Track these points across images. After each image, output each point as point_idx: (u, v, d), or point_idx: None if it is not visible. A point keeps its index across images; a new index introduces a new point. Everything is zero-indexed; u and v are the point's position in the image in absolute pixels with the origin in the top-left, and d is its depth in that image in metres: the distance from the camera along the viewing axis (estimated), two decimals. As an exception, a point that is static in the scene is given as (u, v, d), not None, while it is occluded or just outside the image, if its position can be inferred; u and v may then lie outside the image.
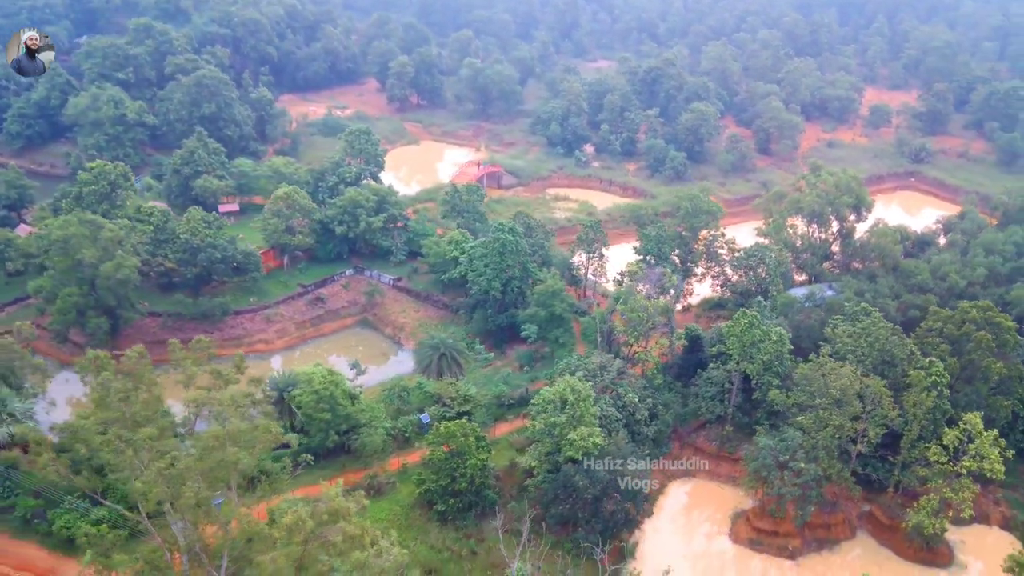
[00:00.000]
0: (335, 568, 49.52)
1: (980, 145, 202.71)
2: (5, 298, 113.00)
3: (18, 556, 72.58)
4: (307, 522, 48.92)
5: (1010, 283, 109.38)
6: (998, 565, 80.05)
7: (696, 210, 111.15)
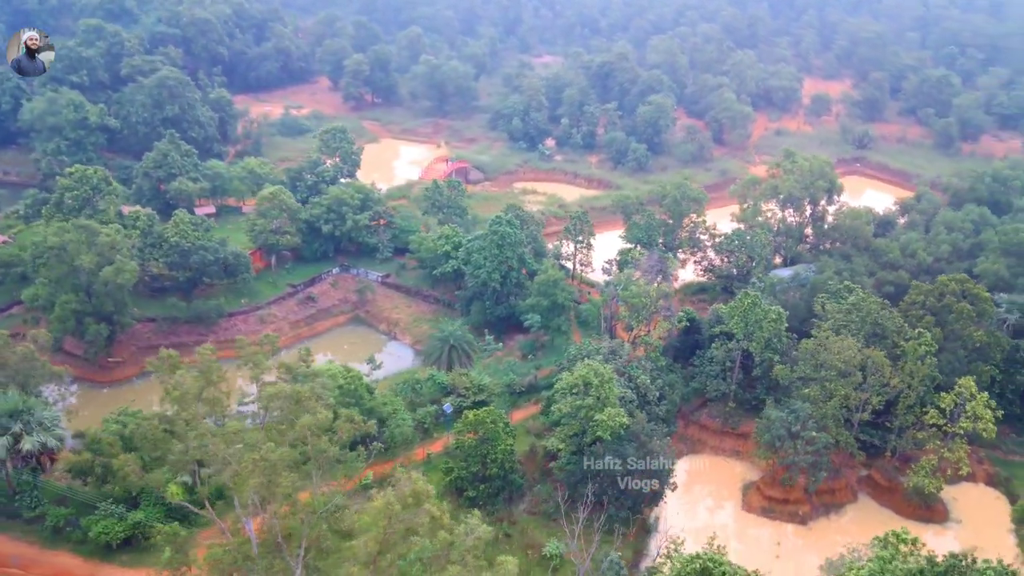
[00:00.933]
0: (424, 548, 51.19)
1: (917, 130, 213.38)
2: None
3: (53, 565, 71.68)
4: (395, 505, 50.44)
5: (972, 258, 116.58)
6: (987, 517, 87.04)
7: (684, 197, 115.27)
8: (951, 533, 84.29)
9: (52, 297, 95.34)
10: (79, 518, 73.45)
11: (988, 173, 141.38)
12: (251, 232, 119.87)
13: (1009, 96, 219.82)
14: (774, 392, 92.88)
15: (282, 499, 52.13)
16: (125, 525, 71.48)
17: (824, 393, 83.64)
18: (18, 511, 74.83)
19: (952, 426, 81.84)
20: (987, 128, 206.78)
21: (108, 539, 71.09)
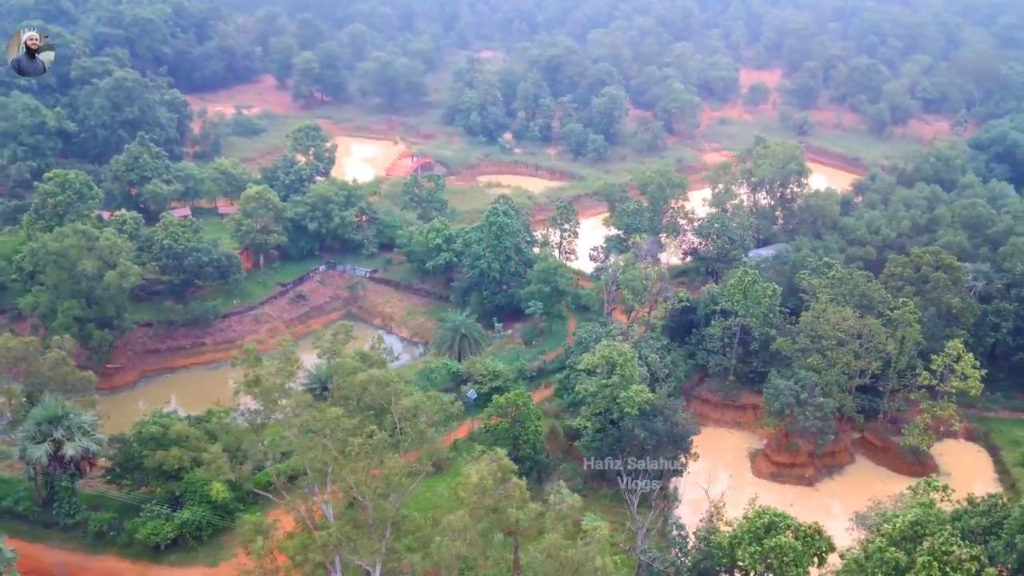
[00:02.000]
0: (519, 520, 53.61)
1: (851, 116, 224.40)
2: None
3: (101, 570, 71.07)
4: (488, 480, 52.76)
5: (929, 232, 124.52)
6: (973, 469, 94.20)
7: (669, 183, 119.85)
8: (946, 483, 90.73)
9: (53, 304, 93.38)
10: (122, 522, 73.02)
11: (932, 153, 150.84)
12: (237, 232, 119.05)
13: (931, 82, 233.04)
14: (771, 365, 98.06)
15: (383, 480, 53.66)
16: (173, 525, 71.37)
17: (826, 362, 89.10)
18: (52, 519, 73.79)
19: (943, 385, 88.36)
20: (914, 112, 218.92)
21: (157, 540, 70.91)
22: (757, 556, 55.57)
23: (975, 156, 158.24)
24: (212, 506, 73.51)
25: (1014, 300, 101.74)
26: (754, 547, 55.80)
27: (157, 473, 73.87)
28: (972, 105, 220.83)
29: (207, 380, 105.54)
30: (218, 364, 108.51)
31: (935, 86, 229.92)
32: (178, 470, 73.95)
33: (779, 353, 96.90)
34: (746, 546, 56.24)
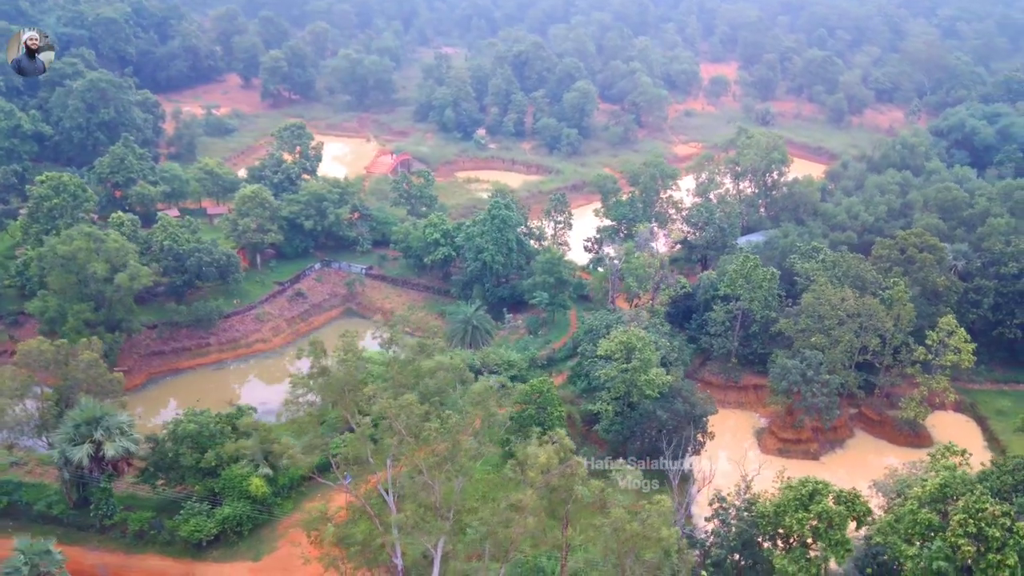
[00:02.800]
0: (584, 496, 55.87)
1: (809, 107, 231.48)
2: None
3: (143, 569, 71.20)
4: (553, 459, 54.95)
5: (903, 216, 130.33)
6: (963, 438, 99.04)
7: (662, 174, 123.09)
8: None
9: (62, 308, 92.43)
10: (161, 520, 73.24)
11: (897, 141, 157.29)
12: (233, 232, 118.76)
13: (882, 72, 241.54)
14: (771, 346, 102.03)
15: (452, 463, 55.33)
16: (215, 521, 71.88)
17: (830, 340, 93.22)
18: (87, 521, 73.72)
19: (938, 359, 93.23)
20: (869, 102, 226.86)
21: (200, 536, 71.36)
22: (804, 521, 58.77)
23: (936, 143, 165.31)
24: (251, 501, 74.23)
25: (993, 277, 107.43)
26: (801, 513, 58.98)
27: (194, 470, 74.37)
28: (923, 94, 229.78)
29: (214, 380, 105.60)
30: (223, 364, 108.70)
31: (887, 76, 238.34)
32: (215, 467, 74.58)
33: (779, 334, 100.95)
34: (793, 512, 59.38)
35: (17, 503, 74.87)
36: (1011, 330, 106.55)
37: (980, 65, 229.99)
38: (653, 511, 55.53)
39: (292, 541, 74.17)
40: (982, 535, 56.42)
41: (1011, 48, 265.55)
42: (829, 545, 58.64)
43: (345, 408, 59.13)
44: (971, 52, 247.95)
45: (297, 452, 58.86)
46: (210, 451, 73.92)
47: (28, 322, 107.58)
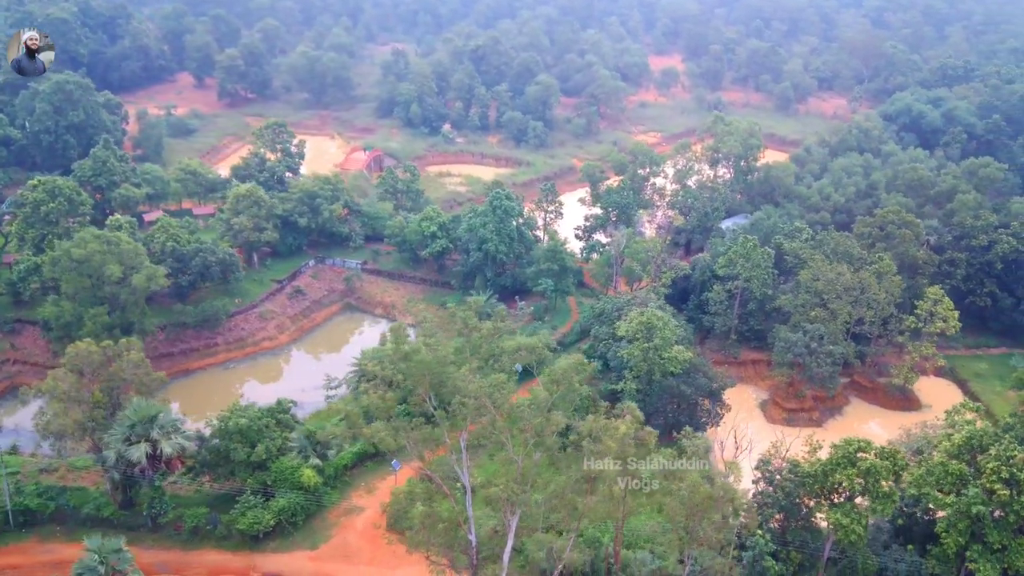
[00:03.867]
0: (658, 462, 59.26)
1: (756, 96, 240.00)
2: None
3: (204, 564, 71.68)
4: (630, 429, 58.17)
5: (870, 196, 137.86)
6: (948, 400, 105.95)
7: (651, 161, 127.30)
8: (930, 416, 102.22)
9: (78, 313, 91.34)
10: (217, 515, 73.83)
11: (853, 126, 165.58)
12: (228, 231, 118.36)
13: (821, 61, 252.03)
14: (768, 322, 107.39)
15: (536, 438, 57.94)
16: (272, 513, 72.83)
17: (829, 314, 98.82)
18: (136, 521, 73.80)
19: (927, 327, 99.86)
20: (813, 90, 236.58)
21: (259, 528, 72.25)
22: (852, 477, 63.37)
23: (887, 127, 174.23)
24: (304, 492, 75.40)
25: (964, 250, 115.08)
26: (850, 469, 63.56)
27: (245, 464, 75.05)
28: (862, 81, 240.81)
29: (224, 380, 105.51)
30: (233, 363, 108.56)
31: (826, 65, 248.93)
32: (265, 460, 75.43)
33: (775, 311, 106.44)
34: (842, 469, 63.91)
35: (64, 507, 74.40)
36: (981, 298, 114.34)
37: (913, 53, 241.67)
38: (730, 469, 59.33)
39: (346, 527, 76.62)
40: (1014, 480, 62.00)
41: (937, 36, 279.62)
42: (876, 498, 63.39)
43: (424, 391, 61.02)
44: (902, 41, 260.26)
45: (388, 437, 60.34)
46: (260, 445, 74.75)
47: (25, 330, 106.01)
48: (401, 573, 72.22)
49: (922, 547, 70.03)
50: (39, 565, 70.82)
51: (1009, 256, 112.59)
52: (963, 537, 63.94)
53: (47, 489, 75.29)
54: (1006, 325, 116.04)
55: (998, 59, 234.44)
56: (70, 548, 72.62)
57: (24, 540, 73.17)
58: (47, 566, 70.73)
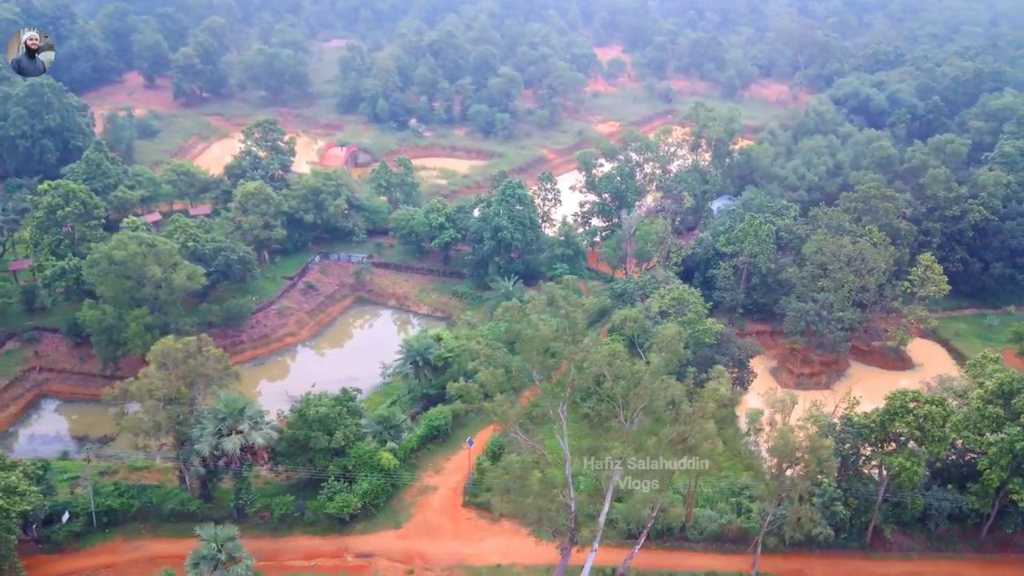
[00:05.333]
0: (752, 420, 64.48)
1: (702, 84, 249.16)
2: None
3: (298, 550, 73.54)
4: (728, 391, 63.26)
5: (838, 175, 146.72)
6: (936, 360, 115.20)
7: (647, 147, 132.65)
8: (922, 373, 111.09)
9: (120, 315, 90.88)
10: (304, 502, 75.63)
11: (811, 110, 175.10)
12: (237, 230, 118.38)
13: (758, 50, 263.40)
14: (771, 295, 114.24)
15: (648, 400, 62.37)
16: (358, 496, 75.04)
17: (835, 283, 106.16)
18: (219, 514, 74.86)
19: (921, 290, 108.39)
20: (754, 78, 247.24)
21: (348, 512, 74.40)
22: (911, 423, 69.92)
23: (838, 110, 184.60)
24: (384, 474, 77.83)
25: (937, 220, 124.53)
26: (909, 417, 70.11)
27: (325, 451, 76.97)
28: (797, 69, 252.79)
29: (256, 376, 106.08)
30: (261, 360, 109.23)
31: (763, 54, 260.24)
32: (343, 446, 77.50)
33: (778, 284, 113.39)
34: (900, 418, 70.39)
35: (148, 505, 74.90)
36: (954, 264, 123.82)
37: (845, 40, 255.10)
38: (811, 423, 65.05)
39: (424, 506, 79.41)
40: (1049, 417, 69.76)
41: (860, 24, 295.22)
42: (932, 441, 70.17)
43: (534, 365, 64.55)
44: (829, 29, 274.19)
45: (508, 409, 63.46)
46: (337, 432, 76.78)
47: (44, 337, 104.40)
48: (486, 545, 75.65)
49: (959, 486, 77.59)
50: (131, 562, 71.49)
51: (979, 224, 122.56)
52: (1005, 472, 71.40)
53: (127, 488, 75.64)
54: (976, 288, 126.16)
55: (920, 44, 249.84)
56: (157, 544, 73.96)
57: (110, 540, 73.58)
58: (140, 563, 71.52)
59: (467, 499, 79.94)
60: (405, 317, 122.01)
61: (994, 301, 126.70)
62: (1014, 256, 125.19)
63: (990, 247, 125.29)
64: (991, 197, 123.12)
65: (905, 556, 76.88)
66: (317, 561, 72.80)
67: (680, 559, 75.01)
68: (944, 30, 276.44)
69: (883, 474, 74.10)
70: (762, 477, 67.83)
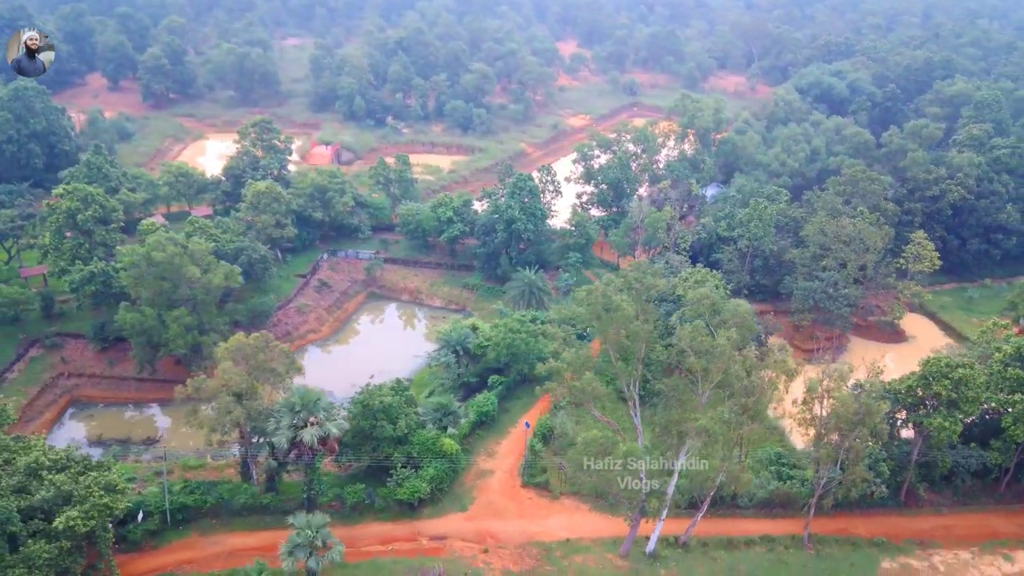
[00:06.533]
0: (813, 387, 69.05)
1: (663, 77, 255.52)
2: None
3: (372, 536, 75.15)
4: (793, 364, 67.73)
5: (814, 160, 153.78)
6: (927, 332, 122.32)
7: (645, 139, 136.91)
8: (916, 345, 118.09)
9: (161, 317, 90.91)
10: (373, 490, 77.48)
11: (779, 100, 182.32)
12: (250, 229, 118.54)
13: (712, 43, 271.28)
14: (773, 275, 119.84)
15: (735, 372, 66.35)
16: (426, 482, 77.26)
17: (837, 262, 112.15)
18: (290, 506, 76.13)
19: (915, 266, 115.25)
20: (712, 70, 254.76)
21: (417, 497, 76.58)
22: (948, 385, 75.45)
23: (803, 99, 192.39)
24: (447, 459, 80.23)
25: (918, 201, 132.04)
26: (946, 380, 75.67)
27: (390, 440, 78.90)
28: (751, 60, 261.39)
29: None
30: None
31: (717, 46, 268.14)
32: (405, 434, 79.56)
33: (779, 265, 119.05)
34: (938, 381, 75.91)
35: (220, 500, 75.75)
36: (934, 241, 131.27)
37: (796, 32, 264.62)
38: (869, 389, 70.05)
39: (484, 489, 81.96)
40: (1064, 377, 76.26)
41: (803, 16, 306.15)
42: (966, 402, 75.95)
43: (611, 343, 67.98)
44: (775, 22, 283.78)
45: (598, 385, 66.39)
46: (400, 420, 78.81)
47: (67, 343, 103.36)
48: (551, 522, 78.76)
49: (981, 443, 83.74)
50: (213, 556, 72.37)
51: (956, 203, 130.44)
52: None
53: (198, 485, 76.34)
54: (954, 263, 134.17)
55: (864, 35, 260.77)
56: (233, 538, 74.98)
57: (186, 536, 74.24)
58: (221, 556, 72.49)
59: (525, 480, 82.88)
60: (420, 310, 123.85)
61: (971, 275, 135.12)
62: (988, 232, 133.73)
63: (966, 224, 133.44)
64: (967, 177, 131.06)
65: (936, 511, 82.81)
66: (394, 545, 74.80)
67: (734, 525, 79.39)
68: (884, 21, 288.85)
69: (916, 436, 79.84)
70: (820, 443, 72.47)
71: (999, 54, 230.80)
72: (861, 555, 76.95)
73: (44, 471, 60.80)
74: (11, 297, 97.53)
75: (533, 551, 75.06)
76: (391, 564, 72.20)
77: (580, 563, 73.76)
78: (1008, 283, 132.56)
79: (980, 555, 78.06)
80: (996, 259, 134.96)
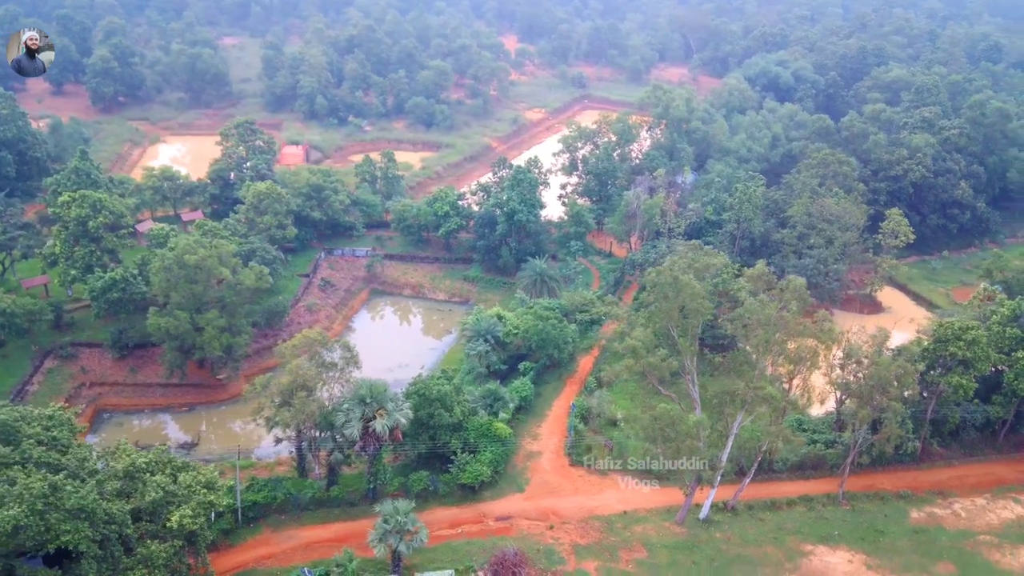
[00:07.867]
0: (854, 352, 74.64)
1: (607, 70, 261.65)
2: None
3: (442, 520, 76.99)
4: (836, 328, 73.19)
5: (775, 146, 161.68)
6: (901, 304, 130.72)
7: (621, 129, 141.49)
8: (892, 314, 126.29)
9: (194, 321, 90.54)
10: (436, 477, 79.65)
11: (733, 89, 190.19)
12: (252, 230, 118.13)
13: (650, 35, 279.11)
14: (758, 255, 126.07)
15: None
16: (486, 465, 79.92)
17: (825, 240, 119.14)
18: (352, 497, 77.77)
19: (894, 241, 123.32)
20: (654, 62, 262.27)
21: (479, 480, 79.16)
22: (962, 345, 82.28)
23: (752, 88, 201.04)
24: (501, 443, 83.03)
25: (882, 180, 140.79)
26: (959, 341, 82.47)
27: (448, 427, 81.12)
28: (690, 52, 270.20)
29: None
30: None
31: (656, 40, 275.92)
32: (460, 421, 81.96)
33: (763, 245, 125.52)
34: (953, 342, 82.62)
35: (288, 496, 76.65)
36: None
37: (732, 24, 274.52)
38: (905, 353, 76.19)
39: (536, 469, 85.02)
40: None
41: (732, 8, 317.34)
42: (978, 360, 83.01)
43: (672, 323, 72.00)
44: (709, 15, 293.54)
45: (663, 363, 69.99)
46: (456, 407, 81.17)
47: (82, 353, 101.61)
48: (606, 496, 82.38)
49: (983, 398, 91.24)
50: (291, 551, 73.37)
51: (916, 182, 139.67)
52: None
53: (265, 483, 77.03)
54: (917, 238, 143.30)
55: (792, 25, 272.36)
56: (306, 531, 76.23)
57: (258, 533, 74.96)
58: (299, 550, 73.57)
59: (573, 458, 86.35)
60: (424, 304, 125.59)
61: (930, 248, 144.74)
62: (944, 208, 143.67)
63: (925, 201, 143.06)
64: (924, 157, 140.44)
65: (948, 464, 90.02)
66: (463, 528, 77.24)
67: (774, 488, 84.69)
68: (810, 12, 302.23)
69: (929, 395, 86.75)
70: (858, 403, 78.27)
71: (923, 41, 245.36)
72: (891, 507, 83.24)
73: (141, 473, 61.02)
74: (27, 308, 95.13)
75: (595, 524, 78.60)
76: (465, 546, 74.65)
77: (641, 532, 77.70)
78: (966, 254, 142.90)
79: (993, 500, 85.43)
80: (952, 232, 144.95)
